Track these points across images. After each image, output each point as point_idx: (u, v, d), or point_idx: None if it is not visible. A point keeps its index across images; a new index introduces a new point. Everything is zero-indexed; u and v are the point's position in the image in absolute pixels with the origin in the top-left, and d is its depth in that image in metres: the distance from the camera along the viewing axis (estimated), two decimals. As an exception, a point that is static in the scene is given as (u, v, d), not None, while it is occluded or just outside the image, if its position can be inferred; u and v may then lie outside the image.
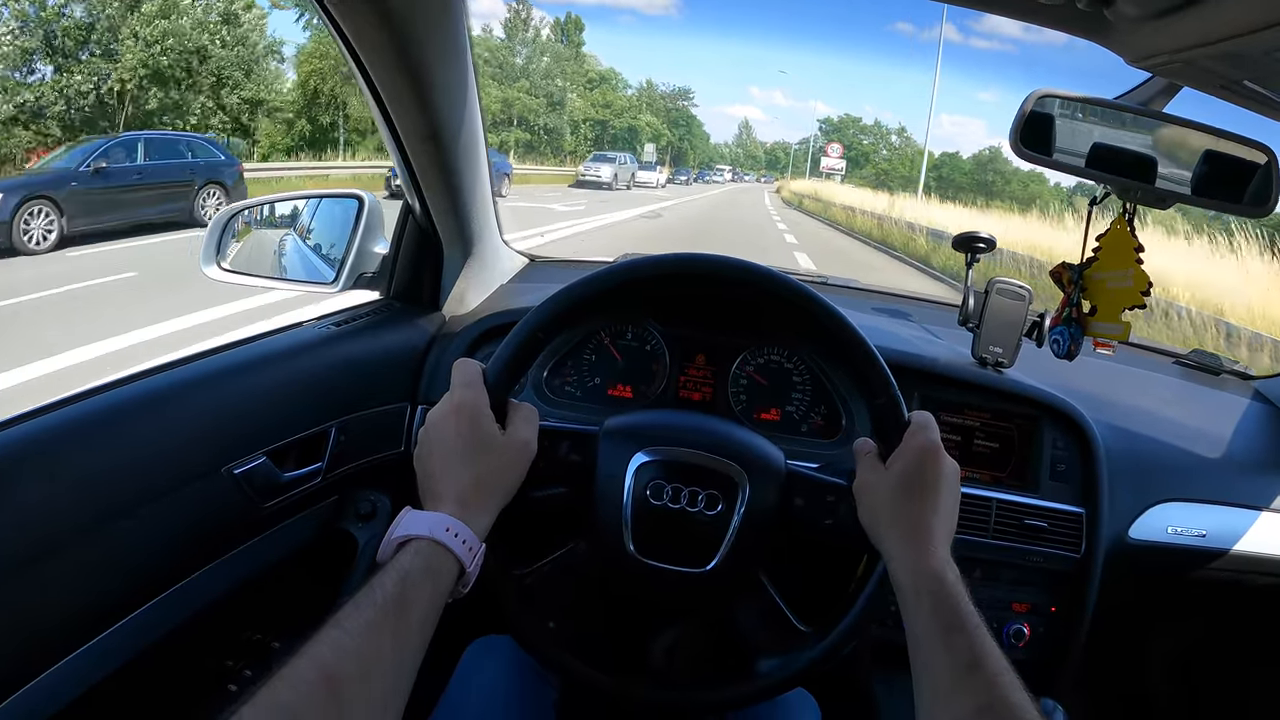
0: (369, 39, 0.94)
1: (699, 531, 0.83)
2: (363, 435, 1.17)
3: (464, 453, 0.74)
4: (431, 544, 0.67)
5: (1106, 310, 1.09)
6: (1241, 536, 1.29)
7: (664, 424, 0.89)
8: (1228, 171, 1.04)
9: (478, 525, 0.71)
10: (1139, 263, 1.04)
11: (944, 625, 0.67)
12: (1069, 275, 1.13)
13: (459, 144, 1.12)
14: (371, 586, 0.63)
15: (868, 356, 0.83)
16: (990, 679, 0.62)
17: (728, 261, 0.86)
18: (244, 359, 1.06)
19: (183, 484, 0.90)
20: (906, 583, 0.72)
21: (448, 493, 0.72)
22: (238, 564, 1.00)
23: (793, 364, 1.26)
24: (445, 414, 0.76)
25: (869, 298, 1.77)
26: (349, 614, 0.60)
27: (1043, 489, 1.23)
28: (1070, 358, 1.16)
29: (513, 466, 0.77)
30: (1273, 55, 0.81)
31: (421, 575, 0.65)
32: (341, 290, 1.27)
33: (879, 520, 0.78)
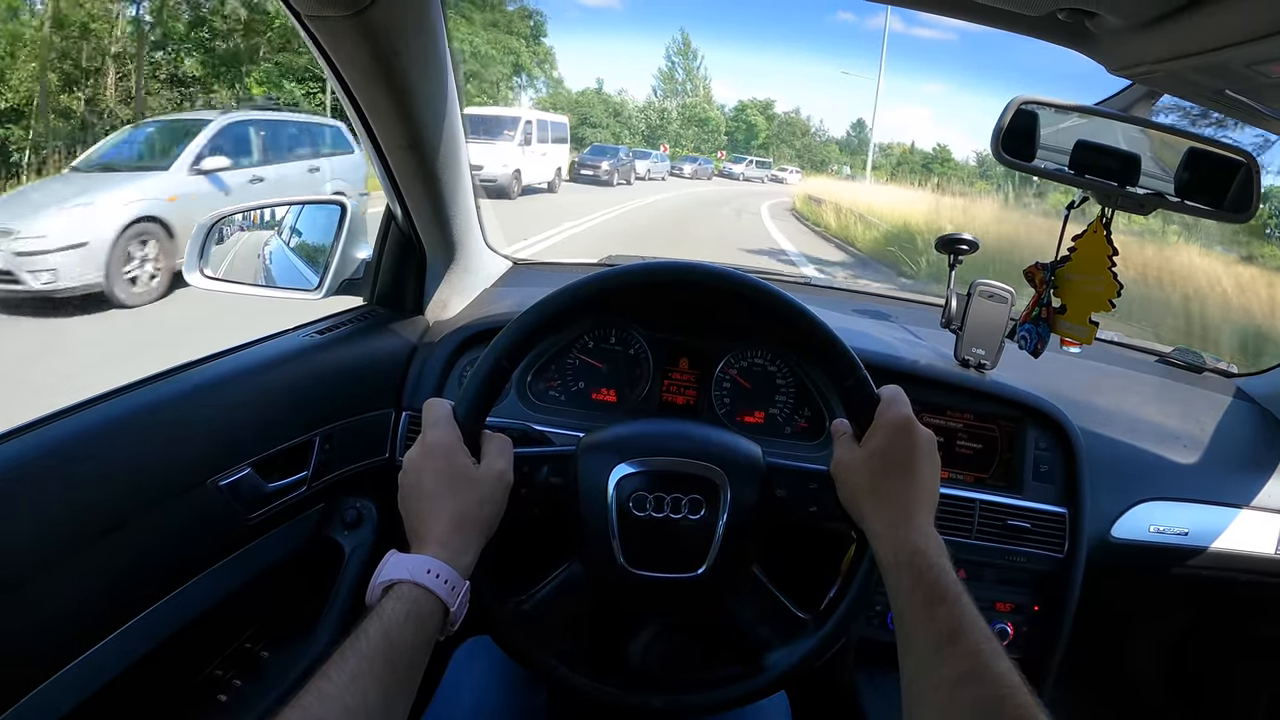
0: (346, 52, 0.93)
1: (687, 537, 0.83)
2: (347, 443, 1.17)
3: (440, 492, 0.75)
4: (414, 587, 0.68)
5: (1075, 312, 1.10)
6: (1222, 534, 1.31)
7: (639, 434, 0.89)
8: (1210, 177, 1.05)
9: (460, 563, 0.72)
10: (1112, 269, 1.05)
11: (925, 597, 0.67)
12: (1041, 275, 1.14)
13: (440, 152, 1.12)
14: (356, 635, 0.63)
15: (829, 341, 0.83)
16: (973, 649, 0.62)
17: (684, 266, 0.86)
18: (227, 370, 1.06)
19: (169, 498, 0.91)
20: (888, 557, 0.72)
21: (429, 534, 0.73)
22: (226, 575, 1.01)
23: (775, 367, 1.27)
24: (419, 456, 0.77)
25: (851, 298, 1.77)
26: (335, 664, 0.61)
27: (1026, 490, 1.24)
28: (1036, 354, 1.17)
29: (490, 499, 0.77)
30: (1254, 67, 0.82)
31: (404, 620, 0.66)
32: (325, 296, 1.26)
33: (858, 498, 0.78)
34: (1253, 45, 0.72)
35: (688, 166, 33.91)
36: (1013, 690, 0.59)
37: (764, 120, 58.25)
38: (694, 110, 55.65)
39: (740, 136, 56.94)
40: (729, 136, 56.33)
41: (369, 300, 1.34)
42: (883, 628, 1.24)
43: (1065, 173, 1.08)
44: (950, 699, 0.61)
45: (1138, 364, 1.64)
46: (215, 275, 1.30)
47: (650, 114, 52.44)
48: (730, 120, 58.01)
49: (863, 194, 21.54)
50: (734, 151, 50.10)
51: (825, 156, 55.80)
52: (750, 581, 0.88)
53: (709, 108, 57.36)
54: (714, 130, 55.69)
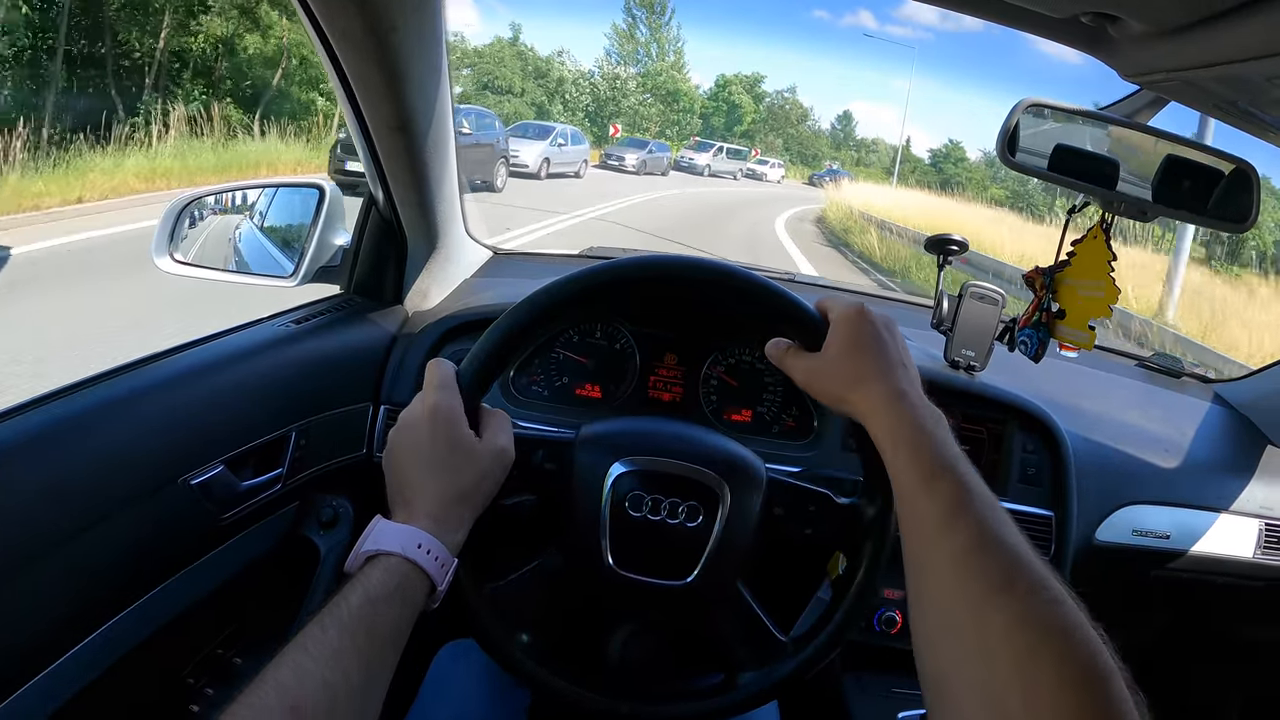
0: (341, 25, 0.89)
1: (679, 543, 0.81)
2: (324, 439, 1.12)
3: (438, 461, 0.70)
4: (402, 561, 0.64)
5: (1074, 318, 1.10)
6: (1202, 537, 1.33)
7: (642, 432, 0.86)
8: (1213, 188, 1.05)
9: (451, 539, 0.68)
10: (1111, 274, 1.05)
11: (925, 471, 0.63)
12: (1041, 280, 1.14)
13: (429, 135, 1.08)
14: (337, 604, 0.59)
15: (755, 284, 0.79)
16: (979, 518, 0.58)
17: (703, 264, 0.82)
18: (198, 362, 1.01)
19: (138, 498, 0.86)
20: (884, 435, 0.68)
21: (420, 504, 0.68)
22: (197, 578, 0.96)
23: (764, 364, 1.25)
24: (419, 418, 0.72)
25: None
26: (314, 635, 0.57)
27: (1012, 492, 1.24)
28: (1037, 359, 1.17)
29: (489, 476, 0.73)
30: (1275, 81, 0.81)
31: (391, 595, 0.62)
32: (300, 284, 1.21)
33: (841, 390, 0.73)
34: (1277, 60, 0.72)
35: (631, 155, 24.13)
36: (1026, 560, 0.55)
37: (750, 101, 47.62)
38: (659, 81, 43.24)
39: (719, 120, 46.21)
40: (705, 119, 45.48)
41: (346, 289, 1.29)
42: (869, 630, 1.23)
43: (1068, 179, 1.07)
44: (957, 574, 0.57)
45: (1117, 368, 1.66)
46: (185, 260, 1.24)
47: (598, 84, 40.05)
48: (708, 99, 47.06)
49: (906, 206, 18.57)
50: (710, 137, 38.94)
51: (816, 150, 48.77)
52: (734, 597, 0.86)
53: (680, 78, 44.43)
54: (686, 109, 44.00)
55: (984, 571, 0.55)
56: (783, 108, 49.55)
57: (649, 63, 44.16)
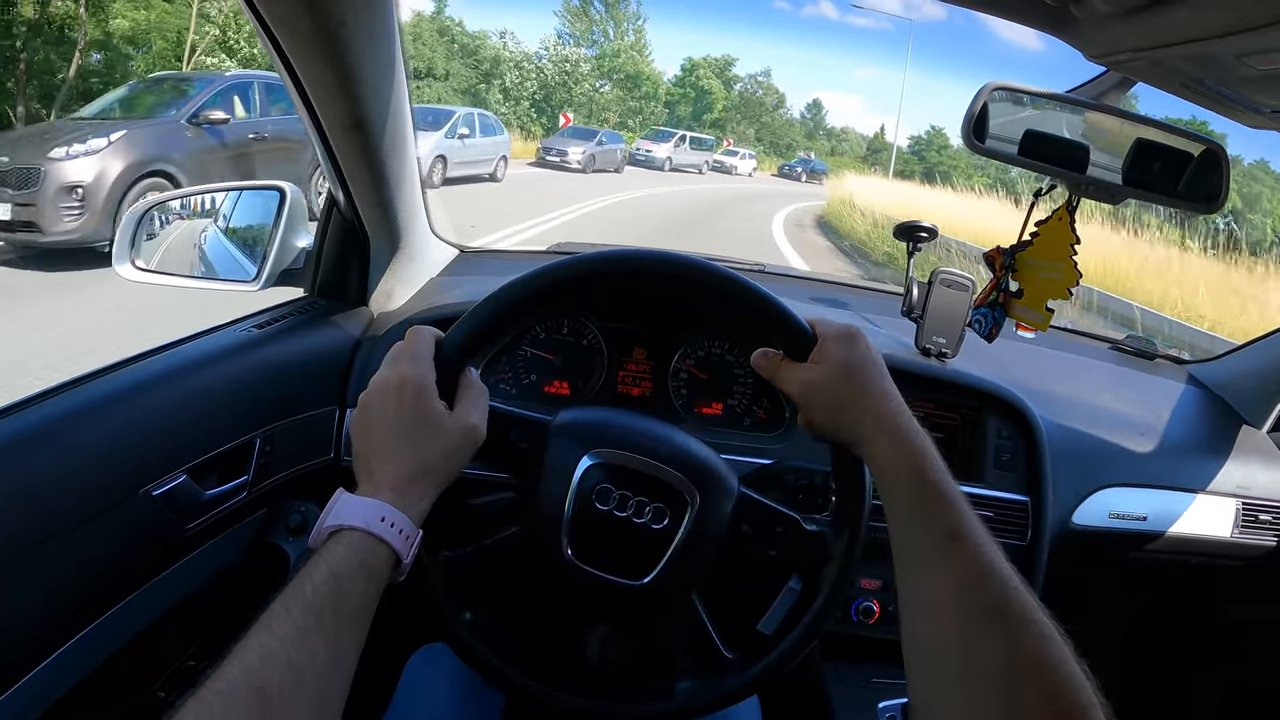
0: (287, 21, 0.86)
1: (641, 543, 0.80)
2: (289, 444, 1.10)
3: (405, 433, 0.70)
4: (366, 536, 0.63)
5: (1033, 297, 1.10)
6: (1179, 519, 1.33)
7: (621, 426, 0.85)
8: (1181, 168, 1.05)
9: (415, 512, 0.67)
10: (1073, 256, 1.04)
11: (926, 496, 0.65)
12: (1001, 260, 1.13)
13: (386, 133, 1.05)
14: (301, 582, 0.59)
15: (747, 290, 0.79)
16: (976, 548, 0.61)
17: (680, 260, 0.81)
18: (158, 370, 0.99)
19: (99, 511, 0.84)
20: (882, 462, 0.70)
21: (384, 477, 0.68)
22: (164, 590, 0.95)
23: (734, 357, 1.24)
24: (389, 386, 0.71)
25: (808, 286, 1.76)
26: (279, 615, 0.56)
27: (987, 478, 1.23)
28: (990, 339, 1.16)
29: (456, 453, 0.72)
30: (1243, 59, 0.80)
31: (355, 571, 0.61)
32: (264, 288, 1.19)
33: (836, 411, 0.75)
34: (1246, 36, 0.71)
35: (575, 148, 20.10)
36: (1017, 592, 0.58)
37: (720, 86, 43.25)
38: (616, 64, 38.10)
39: (686, 109, 41.85)
40: (671, 107, 40.90)
41: (310, 291, 1.27)
42: (846, 620, 1.23)
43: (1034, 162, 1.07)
44: (953, 603, 0.59)
45: (1090, 350, 1.66)
46: (147, 267, 1.23)
47: (545, 68, 34.43)
48: (674, 85, 42.35)
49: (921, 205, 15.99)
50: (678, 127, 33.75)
51: (790, 140, 45.66)
52: (687, 607, 0.85)
53: (640, 60, 39.05)
54: (649, 95, 39.05)
55: (980, 602, 0.58)
56: (756, 94, 45.85)
57: (605, 43, 39.00)
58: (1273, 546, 1.36)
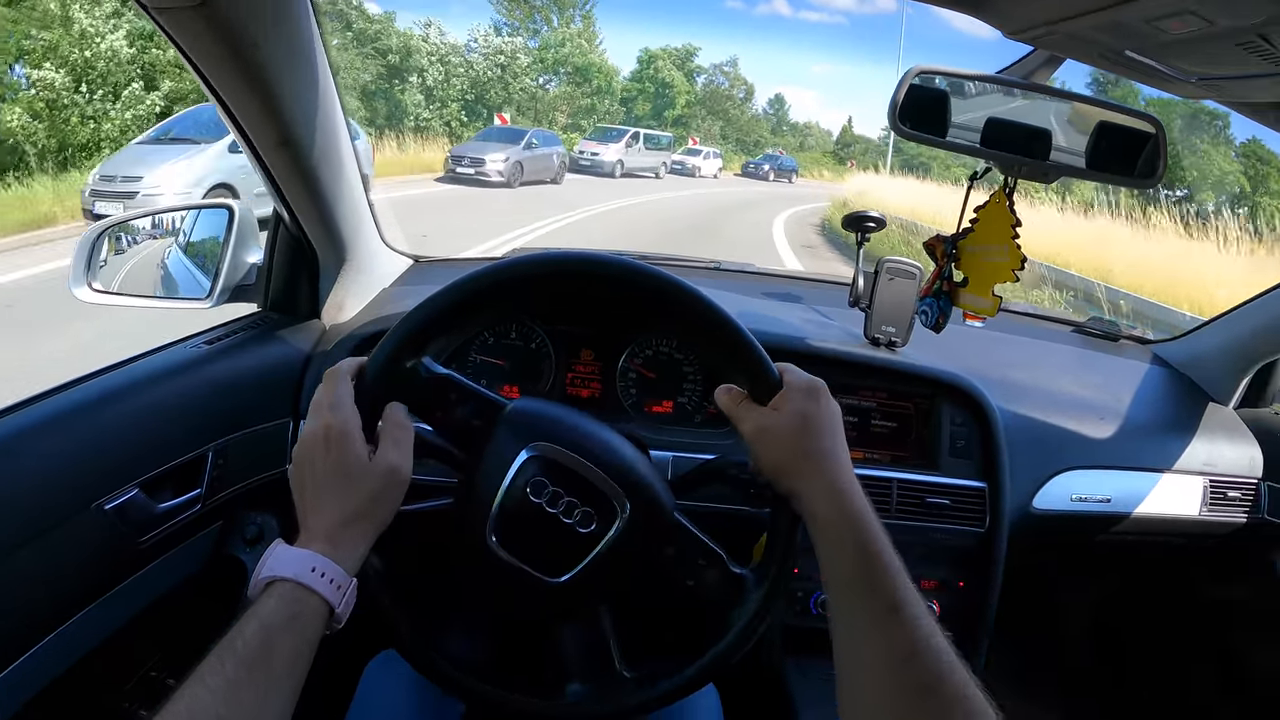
0: (201, 46, 0.88)
1: (565, 542, 0.79)
2: (243, 457, 1.12)
3: (331, 483, 0.70)
4: (296, 586, 0.64)
5: (978, 283, 1.09)
6: (1145, 499, 1.32)
7: (570, 425, 0.84)
8: (1119, 144, 1.04)
9: (348, 561, 0.68)
10: (1015, 239, 1.03)
11: (867, 565, 0.66)
12: (942, 248, 1.12)
13: (315, 148, 1.07)
14: (232, 636, 0.60)
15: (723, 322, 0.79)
16: (913, 621, 0.62)
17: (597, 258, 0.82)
18: (109, 387, 1.01)
19: (51, 525, 0.86)
20: (828, 523, 0.70)
21: (317, 527, 0.69)
22: (121, 602, 0.96)
23: (682, 355, 1.24)
24: (315, 438, 0.72)
25: (761, 281, 1.75)
26: (211, 667, 0.57)
27: (943, 466, 1.23)
28: (937, 329, 1.15)
29: (382, 496, 0.73)
30: (1153, 24, 0.80)
31: (285, 621, 0.62)
32: (216, 304, 1.21)
33: (787, 461, 0.75)
34: (1148, 0, 0.70)
35: (495, 155, 15.54)
36: (952, 665, 0.59)
37: (683, 79, 38.16)
38: (561, 54, 32.71)
39: (645, 106, 36.42)
40: (628, 104, 35.61)
41: (263, 306, 1.29)
42: (806, 614, 1.23)
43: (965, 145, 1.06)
44: (889, 675, 0.61)
45: (1053, 335, 1.65)
46: (104, 289, 1.25)
47: (475, 62, 28.38)
48: (631, 81, 37.08)
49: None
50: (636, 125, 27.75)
51: (758, 136, 41.41)
52: (592, 615, 0.84)
53: (589, 49, 33.73)
54: (602, 89, 33.89)
55: (913, 679, 0.60)
56: (722, 86, 40.91)
57: (548, 32, 33.42)
58: (1242, 523, 1.34)
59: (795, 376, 0.79)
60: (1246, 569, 1.43)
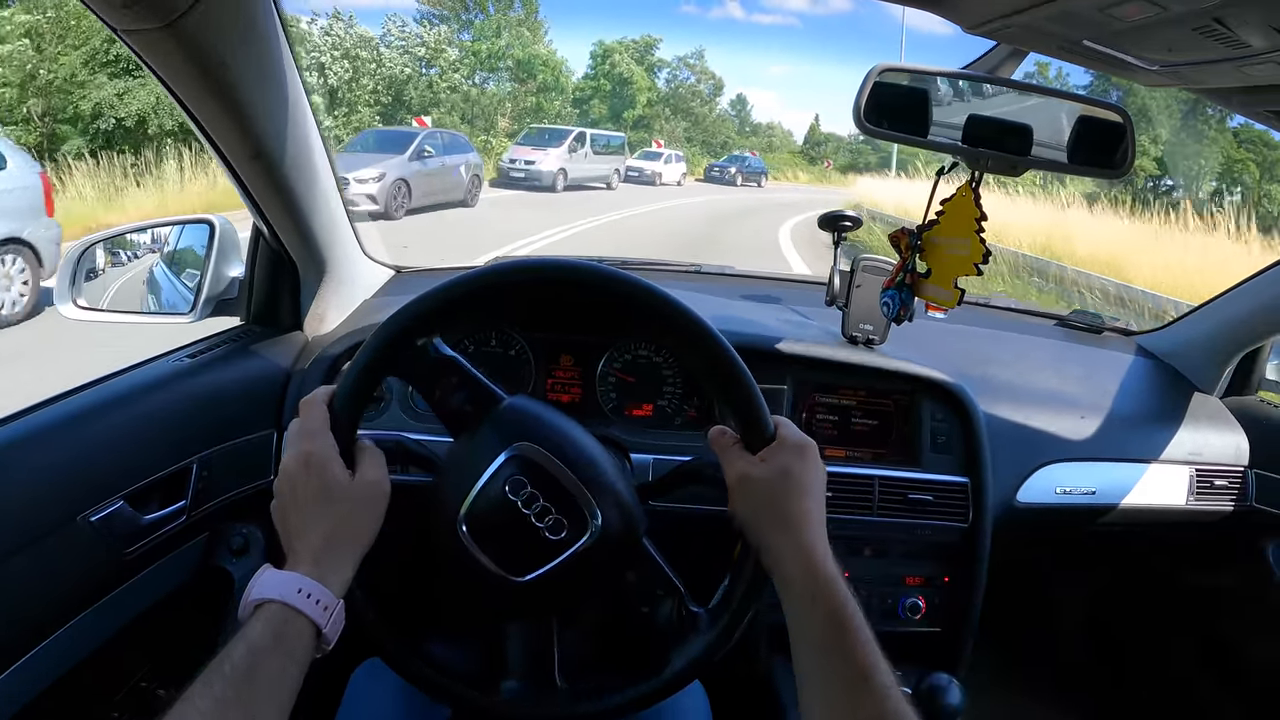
0: (171, 66, 0.89)
1: (530, 544, 0.79)
2: (228, 468, 1.13)
3: (314, 508, 0.72)
4: (283, 608, 0.65)
5: (940, 275, 1.08)
6: (1131, 490, 1.31)
7: (562, 433, 0.83)
8: (1096, 136, 1.04)
9: (335, 581, 0.69)
10: (979, 233, 1.03)
11: (837, 631, 0.67)
12: (907, 240, 1.12)
13: (289, 161, 1.08)
14: (221, 659, 0.61)
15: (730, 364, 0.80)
16: (883, 690, 0.63)
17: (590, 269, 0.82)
18: (93, 402, 1.02)
19: (36, 538, 0.87)
20: (797, 583, 0.71)
21: (303, 550, 0.70)
22: (109, 614, 0.97)
23: (662, 358, 1.25)
24: (296, 466, 0.74)
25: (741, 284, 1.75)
26: (200, 690, 0.58)
27: (925, 462, 1.23)
28: (899, 321, 1.15)
29: (365, 514, 0.74)
30: (1107, 11, 0.80)
31: (271, 643, 0.63)
32: (199, 319, 1.23)
33: (762, 515, 0.76)
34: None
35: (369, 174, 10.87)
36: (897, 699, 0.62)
37: (644, 74, 33.82)
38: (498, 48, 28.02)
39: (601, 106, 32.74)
40: (581, 105, 31.94)
41: (245, 319, 1.30)
42: None
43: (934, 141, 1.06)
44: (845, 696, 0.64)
45: (1037, 329, 1.64)
46: (88, 305, 1.27)
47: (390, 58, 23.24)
48: (586, 79, 32.98)
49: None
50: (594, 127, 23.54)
51: (725, 137, 37.95)
52: (544, 624, 0.84)
53: (532, 39, 29.36)
54: (548, 86, 29.41)
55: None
56: (687, 81, 36.59)
57: (483, 20, 28.25)
58: (1229, 511, 1.34)
59: (789, 432, 0.79)
60: (1235, 557, 1.42)
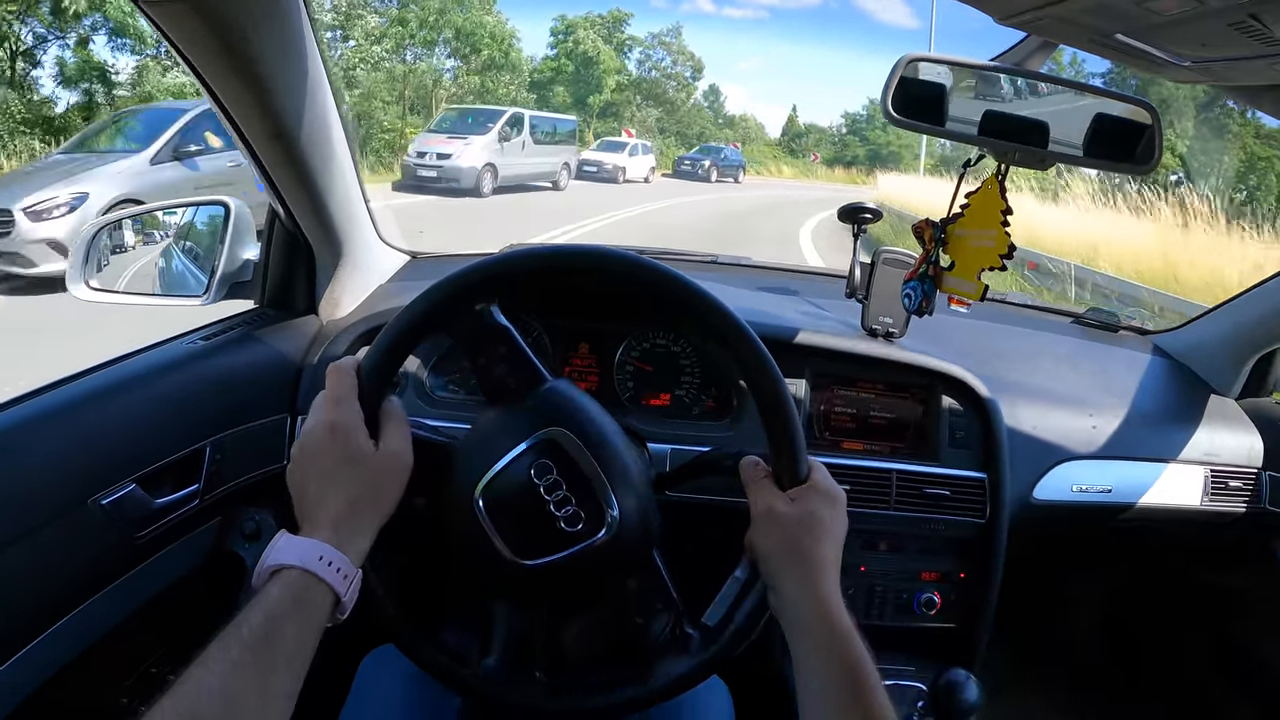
0: (192, 40, 0.88)
1: (542, 532, 0.77)
2: (241, 452, 1.12)
3: (337, 473, 0.71)
4: (303, 574, 0.64)
5: (964, 268, 1.08)
6: (1147, 490, 1.31)
7: (598, 427, 0.81)
8: (1114, 131, 1.03)
9: (354, 550, 0.68)
10: (1005, 225, 1.03)
11: (855, 691, 0.67)
12: (931, 232, 1.11)
13: (309, 141, 1.06)
14: (238, 622, 0.60)
15: (778, 398, 0.79)
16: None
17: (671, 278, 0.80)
18: (105, 383, 1.01)
19: (47, 521, 0.86)
20: (815, 635, 0.71)
21: (322, 517, 0.69)
22: (120, 597, 0.96)
23: (680, 347, 1.24)
24: (318, 432, 0.72)
25: (758, 275, 1.74)
26: (215, 653, 0.58)
27: (942, 457, 1.22)
28: (920, 314, 1.14)
29: (388, 484, 0.73)
30: (1144, 4, 0.79)
31: (290, 608, 0.62)
32: (212, 301, 1.22)
33: (782, 554, 0.75)
34: None
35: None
36: None
37: (612, 54, 29.58)
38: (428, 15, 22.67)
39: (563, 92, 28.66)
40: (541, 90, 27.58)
41: (259, 302, 1.29)
42: None
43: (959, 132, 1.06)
44: None
45: (1052, 326, 1.64)
46: (101, 287, 1.26)
47: None
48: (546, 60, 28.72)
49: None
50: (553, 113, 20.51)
51: (701, 127, 34.29)
52: (534, 611, 0.83)
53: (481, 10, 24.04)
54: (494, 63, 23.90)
55: None
56: (662, 62, 31.75)
57: None
58: (1242, 513, 1.34)
59: (823, 477, 0.79)
60: (1248, 559, 1.42)
